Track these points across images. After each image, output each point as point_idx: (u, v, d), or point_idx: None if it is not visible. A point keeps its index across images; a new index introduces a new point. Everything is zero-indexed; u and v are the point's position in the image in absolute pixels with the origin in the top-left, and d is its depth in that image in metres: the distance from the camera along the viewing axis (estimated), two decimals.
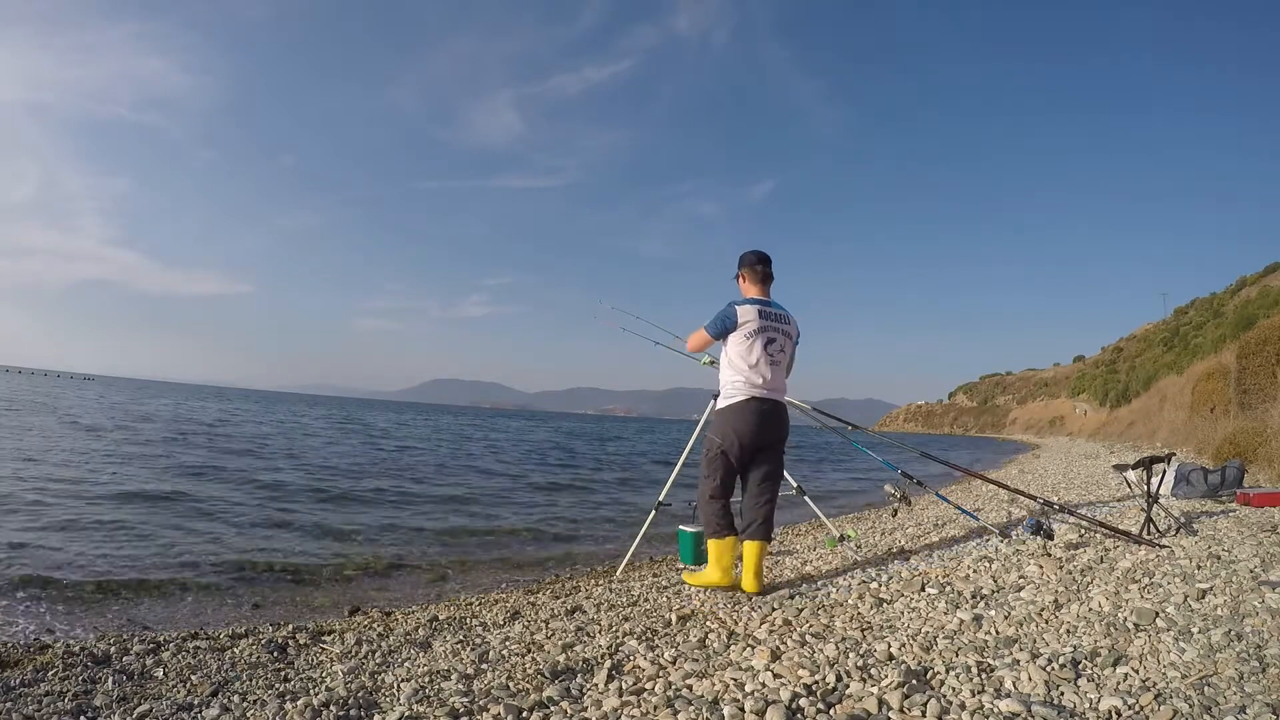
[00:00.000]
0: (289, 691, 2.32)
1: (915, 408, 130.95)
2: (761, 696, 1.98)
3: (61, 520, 5.93)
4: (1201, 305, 53.68)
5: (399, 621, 3.46)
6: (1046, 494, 6.97)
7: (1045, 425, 69.48)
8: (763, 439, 3.45)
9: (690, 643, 2.63)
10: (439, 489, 9.83)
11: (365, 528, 6.54)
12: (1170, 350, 43.15)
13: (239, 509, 7.12)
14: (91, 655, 2.73)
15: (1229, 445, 7.84)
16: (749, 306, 3.48)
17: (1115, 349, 74.80)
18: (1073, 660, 2.11)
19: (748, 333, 3.42)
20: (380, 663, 2.65)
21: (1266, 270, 46.47)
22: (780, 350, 3.49)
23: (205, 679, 2.47)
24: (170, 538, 5.63)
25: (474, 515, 7.68)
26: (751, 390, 3.42)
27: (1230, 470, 5.55)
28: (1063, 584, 2.98)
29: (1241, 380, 10.11)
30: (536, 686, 2.24)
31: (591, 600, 3.63)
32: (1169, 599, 2.66)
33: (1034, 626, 2.52)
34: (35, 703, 2.23)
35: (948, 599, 2.94)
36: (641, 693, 2.14)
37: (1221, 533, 3.91)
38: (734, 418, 3.43)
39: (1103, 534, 3.96)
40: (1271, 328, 10.21)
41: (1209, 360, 16.97)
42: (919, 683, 2.01)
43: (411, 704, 2.14)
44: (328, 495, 8.51)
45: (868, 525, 6.34)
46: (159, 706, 2.20)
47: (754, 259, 3.64)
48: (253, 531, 6.10)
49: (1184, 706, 1.75)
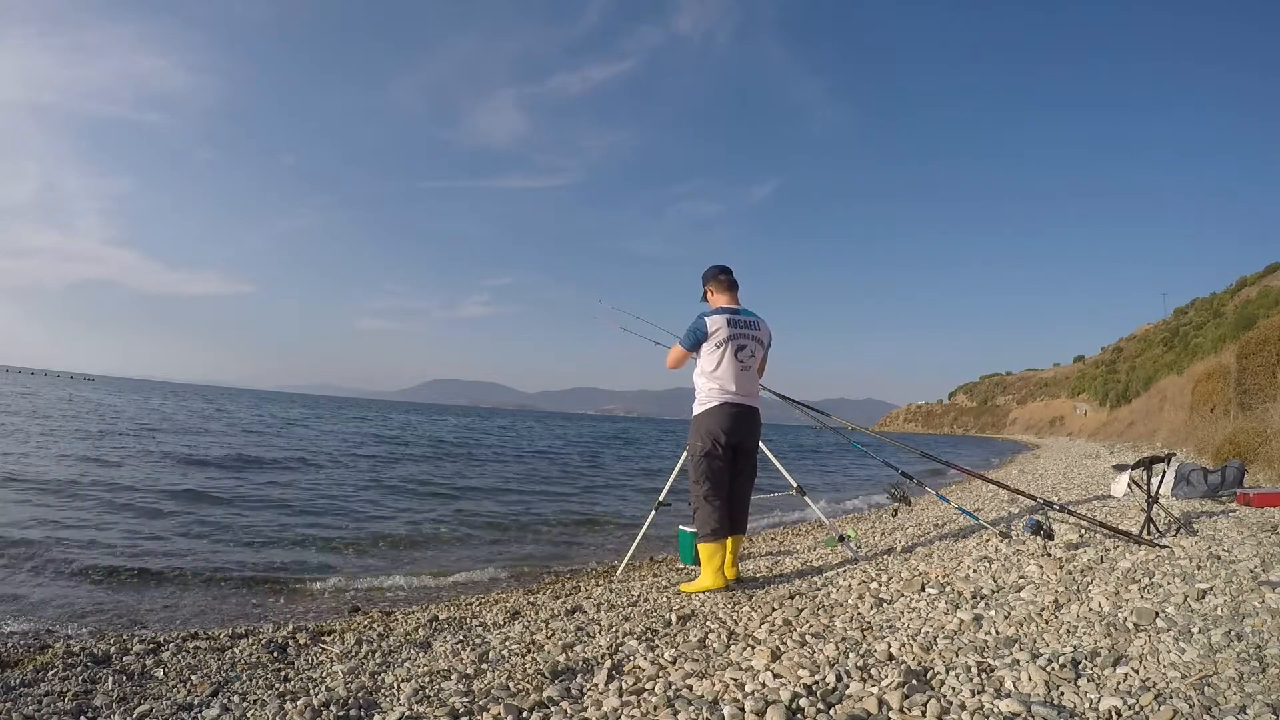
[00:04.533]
0: (289, 691, 2.32)
1: (915, 408, 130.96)
2: (761, 696, 1.98)
3: (62, 520, 5.93)
4: (1201, 305, 53.69)
5: (399, 621, 3.46)
6: (1046, 494, 6.97)
7: (1045, 425, 69.47)
8: (737, 440, 3.61)
9: (690, 643, 2.63)
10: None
11: (373, 526, 6.55)
12: (1170, 350, 43.15)
13: (240, 509, 7.12)
14: (91, 655, 2.74)
15: (1229, 445, 7.83)
16: (718, 316, 3.63)
17: (1115, 349, 74.80)
18: (1073, 660, 2.10)
19: (718, 341, 3.57)
20: (380, 663, 2.65)
21: (1266, 270, 46.48)
22: (751, 356, 3.65)
23: (205, 679, 2.47)
24: (170, 537, 5.63)
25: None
26: (724, 396, 3.59)
27: (1230, 470, 5.55)
28: (1063, 584, 2.98)
29: (1241, 380, 10.10)
30: (536, 686, 2.24)
31: (591, 600, 3.63)
32: (1169, 599, 2.65)
33: (1034, 626, 2.52)
34: (35, 703, 2.24)
35: (948, 599, 2.94)
36: (641, 693, 2.14)
37: (1221, 533, 3.91)
38: (709, 421, 3.59)
39: (1103, 534, 3.96)
40: (1271, 328, 10.21)
41: (1209, 360, 16.97)
42: (919, 683, 2.01)
43: (411, 704, 2.15)
44: (328, 495, 8.52)
45: (868, 525, 6.33)
46: (159, 706, 2.20)
47: (717, 270, 3.82)
48: (253, 532, 6.10)
49: (1184, 706, 1.75)
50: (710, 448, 3.56)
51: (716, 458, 3.57)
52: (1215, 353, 19.67)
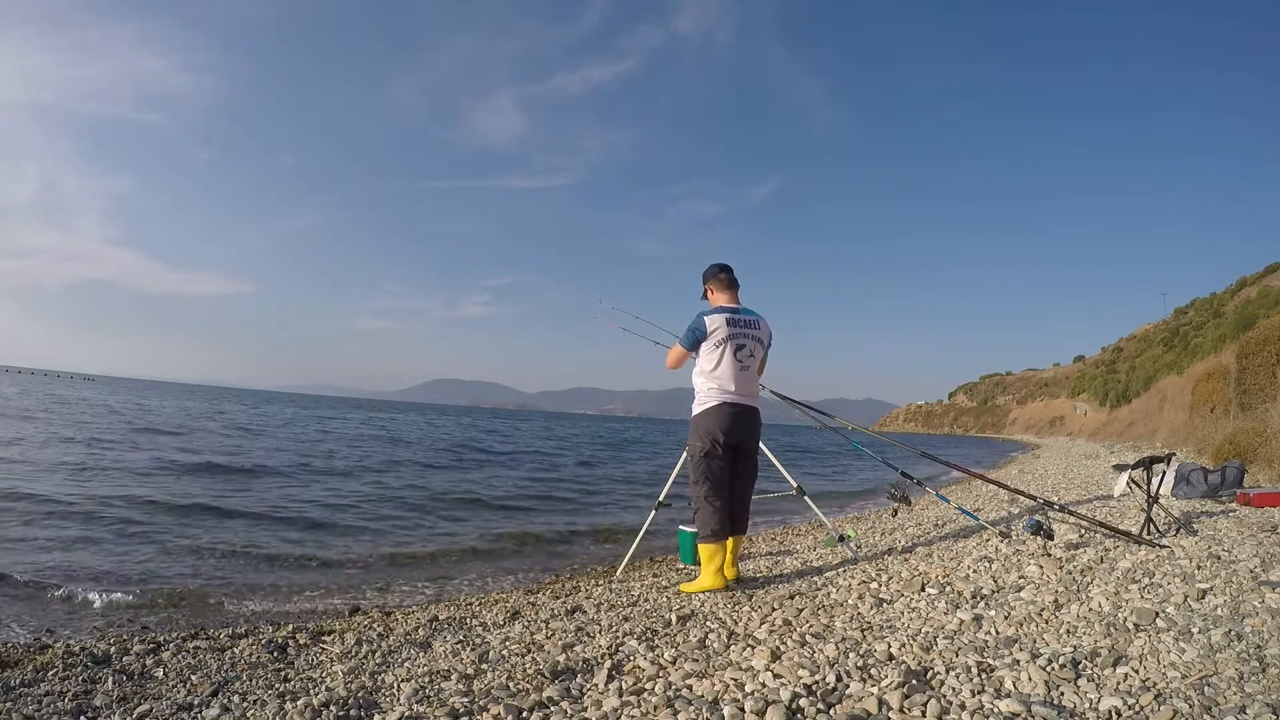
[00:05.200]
0: (289, 691, 2.32)
1: (915, 408, 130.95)
2: (761, 696, 1.98)
3: (63, 518, 5.93)
4: (1201, 305, 53.69)
5: (399, 621, 3.46)
6: (1046, 494, 6.97)
7: (1045, 425, 69.45)
8: (737, 441, 3.60)
9: (690, 643, 2.63)
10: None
11: (372, 527, 6.54)
12: (1170, 350, 43.15)
13: (240, 508, 7.12)
14: (91, 655, 2.74)
15: (1229, 445, 7.83)
16: (717, 315, 3.61)
17: (1115, 349, 74.80)
18: (1073, 660, 2.10)
19: (717, 341, 3.56)
20: (380, 663, 2.65)
21: (1266, 270, 46.49)
22: (750, 355, 3.63)
23: (205, 679, 2.47)
24: (171, 536, 5.63)
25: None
26: (724, 395, 3.57)
27: (1230, 470, 5.55)
28: (1063, 584, 2.98)
29: (1241, 380, 10.10)
30: (536, 686, 2.24)
31: (591, 600, 3.63)
32: (1169, 599, 2.65)
33: (1034, 626, 2.52)
34: (35, 703, 2.24)
35: (948, 599, 2.94)
36: (641, 693, 2.14)
37: (1221, 533, 3.91)
38: (709, 421, 3.58)
39: (1103, 534, 3.96)
40: (1271, 328, 10.20)
41: (1209, 360, 16.96)
42: (919, 683, 2.01)
43: (411, 704, 2.14)
44: (330, 496, 8.51)
45: (868, 525, 6.33)
46: (159, 706, 2.20)
47: (717, 269, 3.79)
48: (253, 531, 6.09)
49: (1184, 706, 1.75)
50: (710, 448, 3.55)
51: (716, 458, 3.56)
52: (1215, 353, 19.67)
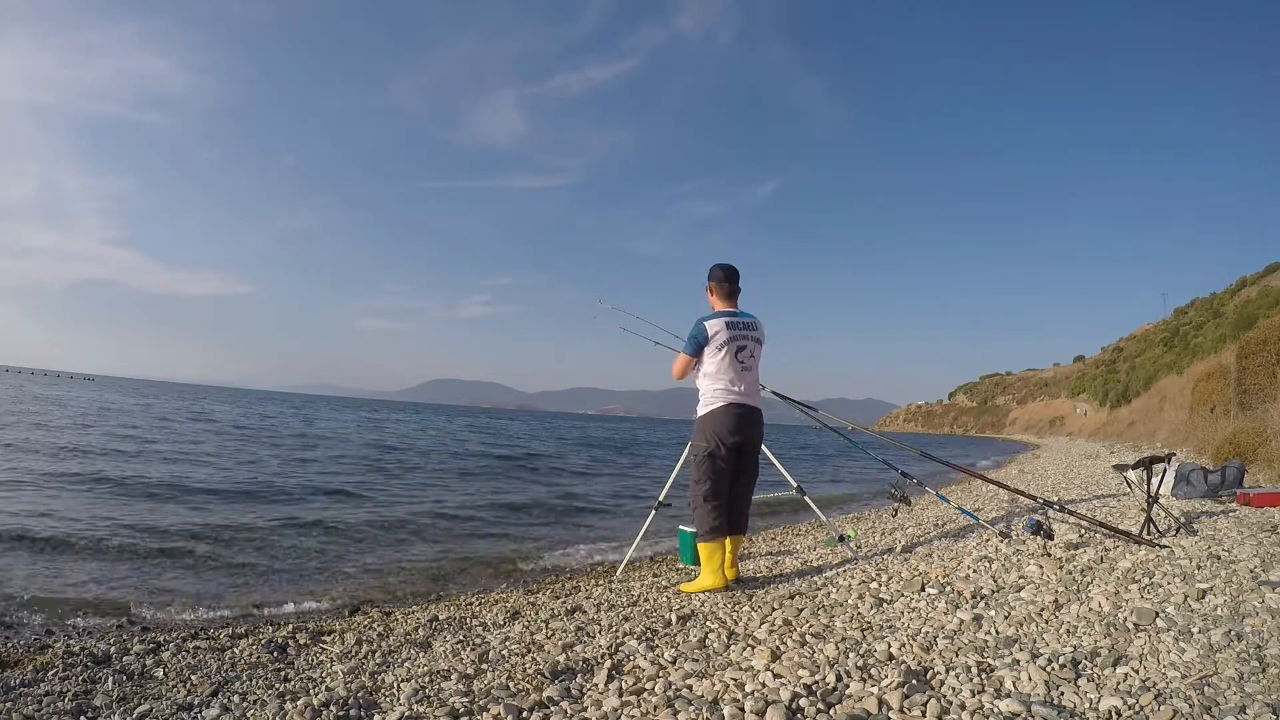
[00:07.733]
0: (289, 691, 2.32)
1: (915, 408, 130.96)
2: (761, 696, 1.98)
3: (63, 519, 5.93)
4: (1201, 305, 53.70)
5: (399, 621, 3.46)
6: (1046, 494, 6.97)
7: (1045, 425, 69.46)
8: (741, 441, 3.64)
9: (690, 643, 2.63)
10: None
11: (370, 525, 6.54)
12: (1170, 350, 43.16)
13: (240, 508, 7.12)
14: (91, 655, 2.74)
15: (1229, 445, 7.83)
16: (717, 320, 3.67)
17: (1115, 349, 74.82)
18: (1073, 660, 2.10)
19: (719, 344, 3.62)
20: (380, 663, 2.65)
21: (1266, 270, 46.50)
22: (751, 356, 3.71)
23: (205, 679, 2.47)
24: (170, 536, 5.63)
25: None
26: (728, 397, 3.64)
27: (1230, 470, 5.55)
28: (1063, 584, 2.98)
29: (1241, 380, 10.10)
30: (536, 686, 2.24)
31: (591, 600, 3.63)
32: (1169, 599, 2.65)
33: (1034, 626, 2.52)
34: (35, 703, 2.24)
35: (948, 599, 2.94)
36: (641, 693, 2.14)
37: (1221, 533, 3.91)
38: (714, 422, 3.63)
39: (1103, 534, 3.96)
40: (1271, 328, 10.20)
41: (1209, 360, 16.97)
42: (919, 683, 2.01)
43: (411, 704, 2.14)
44: (328, 496, 8.52)
45: (868, 525, 6.33)
46: (159, 706, 2.20)
47: (721, 275, 3.82)
48: (254, 531, 6.09)
49: (1184, 706, 1.75)
50: (714, 448, 3.60)
51: (720, 458, 3.61)
52: (1215, 353, 19.67)
